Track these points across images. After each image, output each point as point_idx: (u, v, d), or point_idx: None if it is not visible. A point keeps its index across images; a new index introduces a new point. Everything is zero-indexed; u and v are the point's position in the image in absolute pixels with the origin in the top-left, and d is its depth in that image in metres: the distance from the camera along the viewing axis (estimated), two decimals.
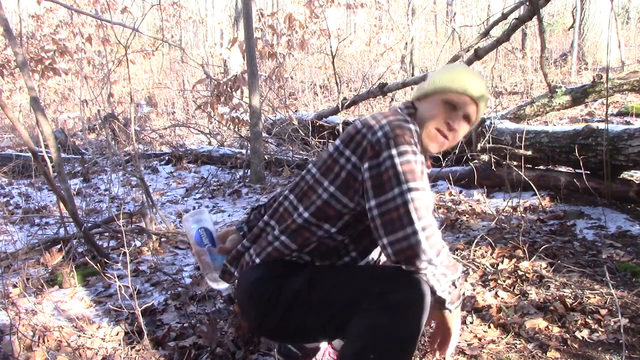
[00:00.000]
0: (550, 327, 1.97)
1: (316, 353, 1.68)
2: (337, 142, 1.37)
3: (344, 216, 1.36)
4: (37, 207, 4.23)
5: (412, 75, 7.10)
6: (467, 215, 3.43)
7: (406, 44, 8.33)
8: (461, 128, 1.40)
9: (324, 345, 1.69)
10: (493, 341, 1.91)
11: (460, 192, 4.01)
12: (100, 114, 6.93)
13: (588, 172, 3.36)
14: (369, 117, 1.34)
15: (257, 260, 1.43)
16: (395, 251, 1.24)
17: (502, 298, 2.23)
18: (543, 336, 1.92)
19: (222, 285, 1.55)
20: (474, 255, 2.70)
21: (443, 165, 3.97)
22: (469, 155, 4.00)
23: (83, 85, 8.33)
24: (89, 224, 3.12)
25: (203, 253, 1.55)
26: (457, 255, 2.72)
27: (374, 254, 1.51)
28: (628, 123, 5.36)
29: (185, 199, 4.54)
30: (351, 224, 1.37)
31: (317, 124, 5.30)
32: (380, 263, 1.56)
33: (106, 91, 6.97)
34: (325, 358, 1.68)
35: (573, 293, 2.21)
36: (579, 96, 4.40)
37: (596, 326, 1.96)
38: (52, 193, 4.25)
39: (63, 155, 5.90)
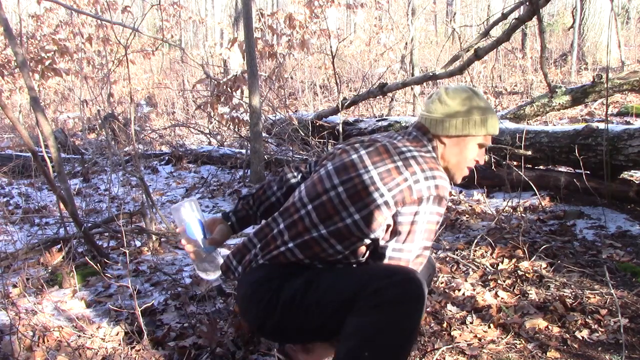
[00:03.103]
0: (550, 327, 1.97)
1: None
2: (373, 172, 1.37)
3: (358, 241, 1.39)
4: (37, 207, 4.23)
5: (412, 75, 7.09)
6: (467, 215, 3.43)
7: (406, 44, 8.32)
8: None
9: None
10: (493, 341, 1.91)
11: (460, 192, 4.01)
12: (100, 114, 6.93)
13: (588, 172, 3.36)
14: (412, 161, 1.37)
15: (261, 262, 1.43)
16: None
17: (502, 298, 2.23)
18: (543, 336, 1.92)
19: (212, 276, 1.55)
20: (474, 255, 2.70)
21: None
22: None
23: (83, 85, 8.32)
24: (89, 224, 3.12)
25: (194, 244, 1.54)
26: (457, 255, 2.72)
27: None
28: (628, 123, 5.36)
29: (185, 199, 4.54)
30: (359, 244, 1.41)
31: (317, 124, 5.29)
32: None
33: (106, 91, 6.97)
34: None
35: (573, 293, 2.21)
36: (579, 96, 4.40)
37: (596, 326, 1.96)
38: (52, 193, 4.25)
39: (63, 155, 5.90)
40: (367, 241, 1.40)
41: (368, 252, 1.44)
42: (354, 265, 1.45)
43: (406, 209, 1.33)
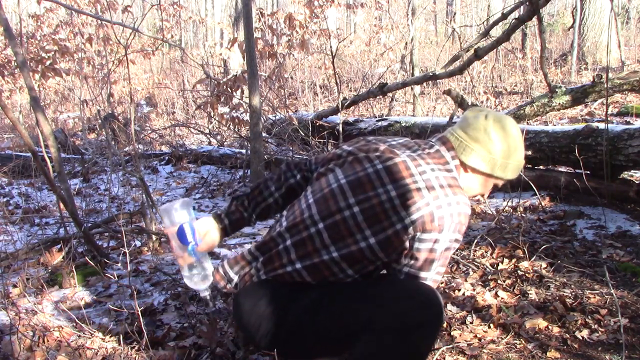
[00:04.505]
0: (550, 327, 1.97)
1: None
2: (392, 192, 1.28)
3: (369, 265, 1.33)
4: (37, 207, 4.22)
5: (412, 75, 7.09)
6: None
7: (406, 44, 8.32)
8: None
9: None
10: (493, 341, 1.91)
11: None
12: (100, 114, 6.92)
13: (588, 172, 3.36)
14: (435, 182, 1.28)
15: (264, 277, 1.37)
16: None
17: (502, 298, 2.23)
18: (543, 336, 1.92)
19: (201, 286, 1.44)
20: (474, 255, 2.70)
21: None
22: None
23: (83, 85, 8.32)
24: (89, 224, 3.12)
25: (184, 249, 1.42)
26: (457, 255, 2.72)
27: None
28: (628, 123, 5.36)
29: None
30: (370, 267, 1.35)
31: (317, 124, 5.29)
32: None
33: (106, 91, 6.97)
34: None
35: (573, 293, 2.21)
36: (579, 96, 4.39)
37: (596, 326, 1.96)
38: (52, 193, 4.24)
39: (63, 155, 5.89)
40: (379, 264, 1.34)
41: (377, 272, 1.39)
42: (364, 281, 1.39)
43: (426, 235, 1.25)
